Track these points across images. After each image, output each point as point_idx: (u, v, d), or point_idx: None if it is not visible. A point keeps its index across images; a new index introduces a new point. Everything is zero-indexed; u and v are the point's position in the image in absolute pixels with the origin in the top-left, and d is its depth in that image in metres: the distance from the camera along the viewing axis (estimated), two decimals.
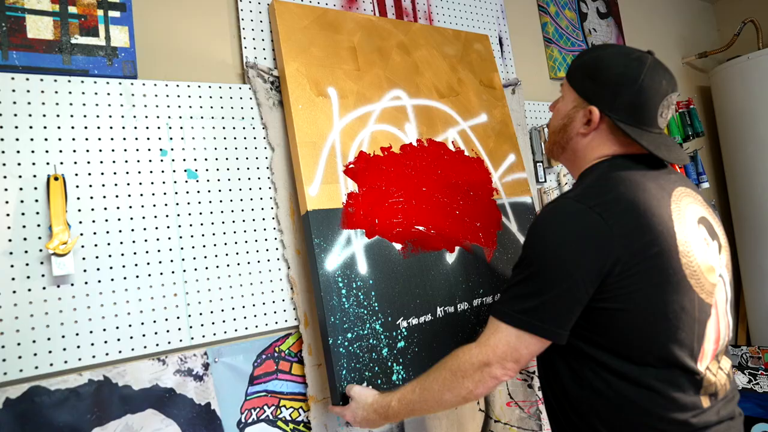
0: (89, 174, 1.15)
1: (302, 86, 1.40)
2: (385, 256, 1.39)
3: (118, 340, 1.13)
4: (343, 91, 1.47)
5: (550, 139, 1.16)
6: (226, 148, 1.33)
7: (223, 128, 1.34)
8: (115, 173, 1.18)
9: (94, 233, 1.14)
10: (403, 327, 1.37)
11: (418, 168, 1.54)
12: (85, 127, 1.16)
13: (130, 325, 1.15)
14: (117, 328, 1.13)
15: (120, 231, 1.16)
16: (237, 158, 1.34)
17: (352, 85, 1.49)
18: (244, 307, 1.29)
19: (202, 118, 1.31)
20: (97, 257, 1.13)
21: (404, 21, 1.69)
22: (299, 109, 1.37)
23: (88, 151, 1.16)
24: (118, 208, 1.17)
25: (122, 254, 1.16)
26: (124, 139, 1.20)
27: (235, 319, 1.27)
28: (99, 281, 1.13)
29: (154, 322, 1.17)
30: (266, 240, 1.35)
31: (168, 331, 1.19)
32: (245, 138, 1.36)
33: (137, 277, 1.17)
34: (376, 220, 1.41)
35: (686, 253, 0.91)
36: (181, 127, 1.28)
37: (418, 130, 1.59)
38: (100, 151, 1.17)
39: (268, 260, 1.34)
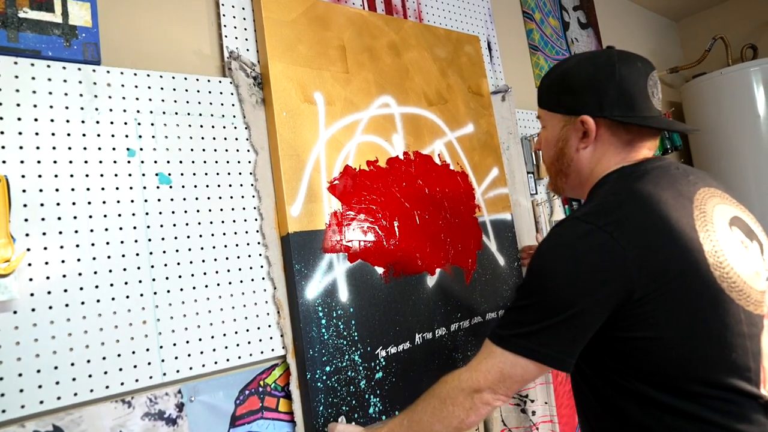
0: (39, 176, 0.94)
1: (287, 91, 1.25)
2: (367, 282, 1.29)
3: (74, 379, 0.92)
4: (330, 97, 1.33)
5: (550, 172, 1.07)
6: (203, 150, 1.15)
7: (201, 126, 1.16)
8: (71, 176, 0.97)
9: (45, 248, 0.93)
10: (381, 357, 1.28)
11: (403, 184, 1.44)
12: (35, 120, 0.95)
13: (88, 361, 0.94)
14: (72, 365, 0.92)
15: (77, 246, 0.96)
16: (216, 161, 1.16)
17: (340, 90, 1.36)
18: (224, 335, 1.10)
19: (176, 114, 1.13)
20: (48, 278, 0.92)
21: (396, 18, 1.57)
22: (283, 116, 1.22)
23: (38, 148, 0.95)
24: (75, 217, 0.97)
25: (79, 274, 0.96)
26: (84, 135, 1.00)
27: (214, 350, 1.08)
28: (50, 307, 0.92)
29: (119, 356, 0.97)
30: (250, 256, 1.17)
31: (135, 366, 0.99)
32: (225, 138, 1.19)
33: (98, 301, 0.97)
34: (359, 242, 1.28)
35: (719, 265, 0.82)
36: (152, 124, 1.09)
37: (405, 141, 1.48)
38: (54, 148, 0.96)
39: (252, 280, 1.16)
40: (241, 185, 1.19)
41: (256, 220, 1.20)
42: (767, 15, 2.97)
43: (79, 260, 0.96)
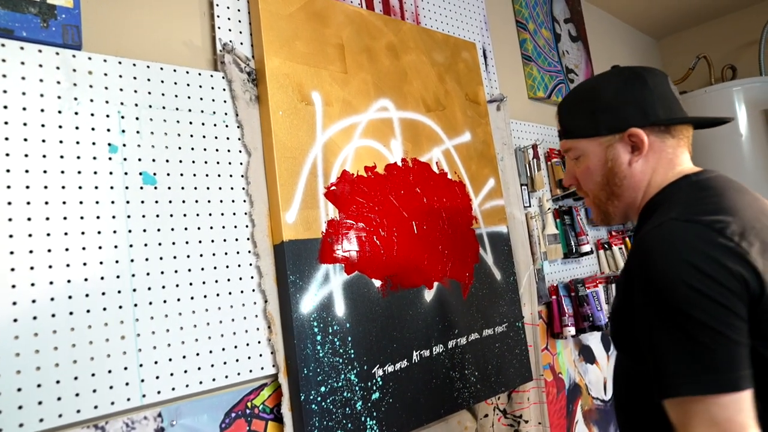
0: (8, 171, 0.84)
1: (284, 88, 1.17)
2: (364, 295, 1.21)
3: (40, 403, 0.81)
4: (328, 98, 1.25)
5: (598, 200, 0.97)
6: (192, 149, 1.06)
7: (190, 123, 1.06)
8: (45, 172, 0.87)
9: (11, 253, 0.82)
10: (378, 376, 1.20)
11: (401, 193, 1.37)
12: (5, 107, 0.85)
13: (57, 382, 0.83)
14: (38, 386, 0.81)
15: (49, 251, 0.85)
16: (206, 162, 1.07)
17: (339, 91, 1.28)
18: (210, 352, 1.00)
19: (163, 108, 1.03)
20: (13, 287, 0.81)
21: (394, 19, 1.50)
22: (279, 115, 1.14)
23: (7, 139, 0.84)
24: (47, 219, 0.86)
25: (50, 282, 0.85)
26: (60, 127, 0.90)
27: (199, 368, 0.98)
28: (15, 320, 0.81)
29: (93, 375, 0.86)
30: (239, 266, 1.08)
31: (111, 387, 0.88)
32: (216, 137, 1.10)
33: (71, 314, 0.86)
34: (356, 252, 1.21)
35: None
36: (137, 118, 0.99)
37: (404, 147, 1.41)
38: (26, 140, 0.86)
39: (242, 292, 1.07)
40: (232, 188, 1.10)
41: (246, 226, 1.11)
42: (745, 37, 3.03)
43: (50, 267, 0.85)
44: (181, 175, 1.03)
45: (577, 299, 1.90)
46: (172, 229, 1.00)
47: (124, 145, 0.96)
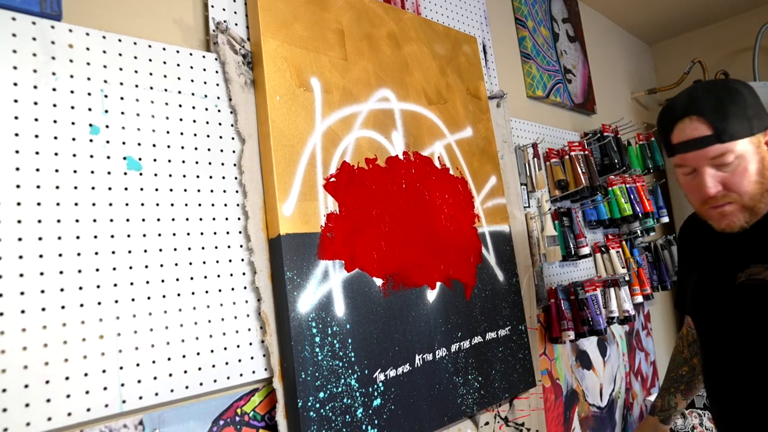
0: None
1: (282, 72, 1.09)
2: (365, 294, 1.14)
3: (5, 410, 0.72)
4: (327, 85, 1.18)
5: (750, 202, 1.00)
6: (181, 133, 0.97)
7: (179, 106, 0.98)
8: (17, 152, 0.78)
9: None
10: (380, 381, 1.12)
11: (403, 187, 1.30)
12: None
13: (26, 386, 0.74)
14: (4, 391, 0.72)
15: (20, 240, 0.77)
16: (196, 148, 0.99)
17: (338, 79, 1.21)
18: (198, 354, 0.92)
19: (151, 89, 0.95)
20: None
21: (395, 7, 1.44)
22: (277, 101, 1.07)
23: None
24: (18, 204, 0.77)
25: (21, 275, 0.76)
26: (36, 103, 0.81)
27: (185, 371, 0.90)
28: None
29: (67, 379, 0.78)
30: (230, 261, 1.00)
31: (88, 392, 0.79)
32: (208, 122, 1.02)
33: (43, 310, 0.77)
34: (357, 249, 1.14)
35: None
36: (122, 98, 0.91)
37: (405, 140, 1.34)
38: None
39: (232, 289, 0.99)
40: (223, 178, 1.02)
41: (239, 219, 1.03)
42: (736, 44, 3.03)
43: (21, 257, 0.76)
44: (169, 161, 0.95)
45: (577, 303, 1.84)
46: (158, 220, 0.92)
47: (107, 126, 0.88)
